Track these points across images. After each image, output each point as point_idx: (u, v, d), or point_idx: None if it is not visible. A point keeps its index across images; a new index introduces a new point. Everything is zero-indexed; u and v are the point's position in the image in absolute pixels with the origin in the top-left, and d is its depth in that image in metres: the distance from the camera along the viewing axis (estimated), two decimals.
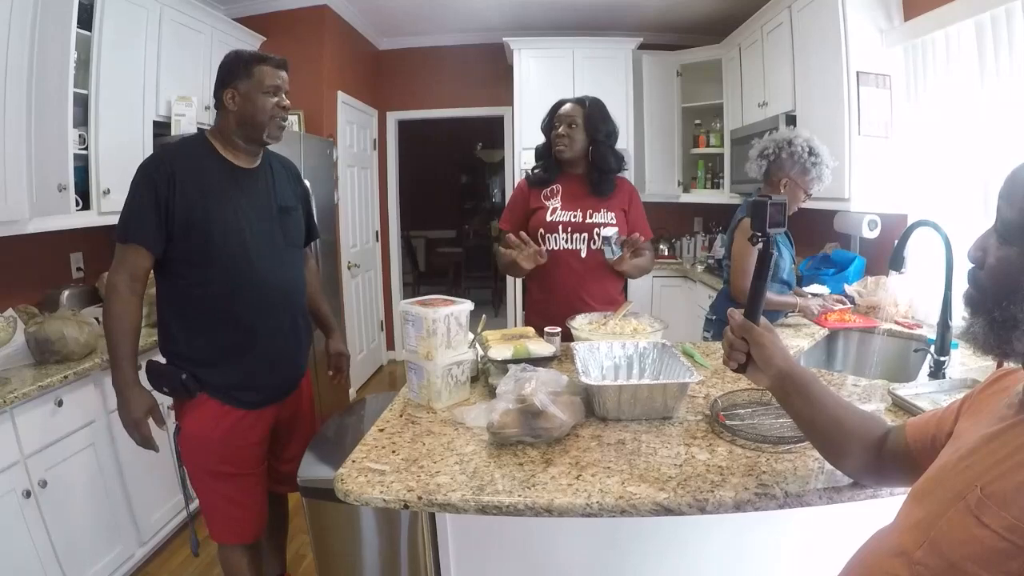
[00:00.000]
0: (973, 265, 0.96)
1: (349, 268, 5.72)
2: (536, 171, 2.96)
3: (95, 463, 2.84)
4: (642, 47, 6.02)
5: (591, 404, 1.82)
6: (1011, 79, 2.79)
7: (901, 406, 1.87)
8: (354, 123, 6.05)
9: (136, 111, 3.59)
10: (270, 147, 2.32)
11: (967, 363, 2.44)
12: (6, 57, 2.60)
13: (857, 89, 3.58)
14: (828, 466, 1.40)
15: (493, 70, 6.59)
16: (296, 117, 5.01)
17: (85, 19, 3.15)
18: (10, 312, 2.82)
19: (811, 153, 2.90)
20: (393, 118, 6.87)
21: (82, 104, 3.21)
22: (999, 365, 1.12)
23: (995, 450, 0.88)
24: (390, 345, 7.03)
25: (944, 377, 2.21)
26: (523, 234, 2.70)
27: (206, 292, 2.13)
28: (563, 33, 6.19)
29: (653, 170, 6.23)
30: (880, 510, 1.29)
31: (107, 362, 2.82)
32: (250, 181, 2.24)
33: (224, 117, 2.20)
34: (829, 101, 3.77)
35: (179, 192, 2.05)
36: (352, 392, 5.66)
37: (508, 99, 6.05)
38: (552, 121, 2.90)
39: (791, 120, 4.24)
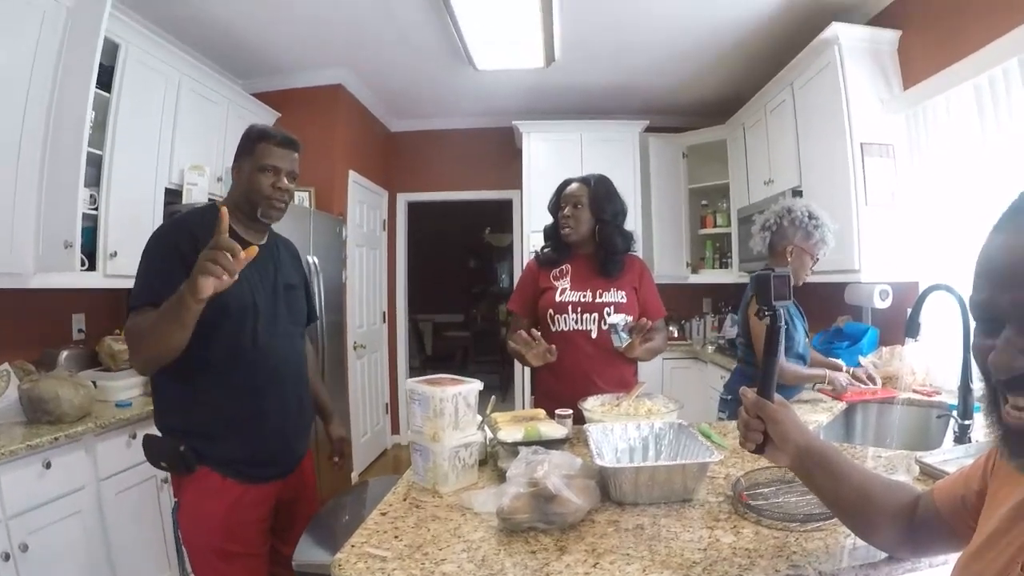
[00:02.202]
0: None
1: (355, 348, 5.67)
2: (546, 251, 2.94)
3: (81, 532, 2.73)
4: (648, 129, 6.16)
5: (607, 488, 1.72)
6: (1012, 136, 2.84)
7: (930, 474, 1.81)
8: (364, 202, 6.11)
9: (149, 176, 3.62)
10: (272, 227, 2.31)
11: None
12: (24, 110, 2.71)
13: (862, 160, 3.64)
14: (861, 541, 1.33)
15: (502, 153, 6.71)
16: (307, 194, 5.06)
17: (105, 80, 3.21)
18: (5, 366, 2.79)
19: (811, 217, 2.93)
20: (403, 199, 6.97)
21: (96, 164, 3.23)
22: None
23: None
24: (395, 429, 6.91)
25: (970, 441, 2.17)
26: (534, 331, 2.60)
27: (212, 363, 2.05)
28: (571, 116, 6.34)
29: (661, 251, 6.26)
30: None
31: (100, 427, 2.80)
32: (260, 255, 2.21)
33: (232, 190, 2.22)
34: (835, 173, 3.82)
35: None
36: (354, 476, 5.53)
37: (517, 182, 6.14)
38: (558, 201, 2.89)
39: (797, 195, 4.25)
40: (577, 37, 4.66)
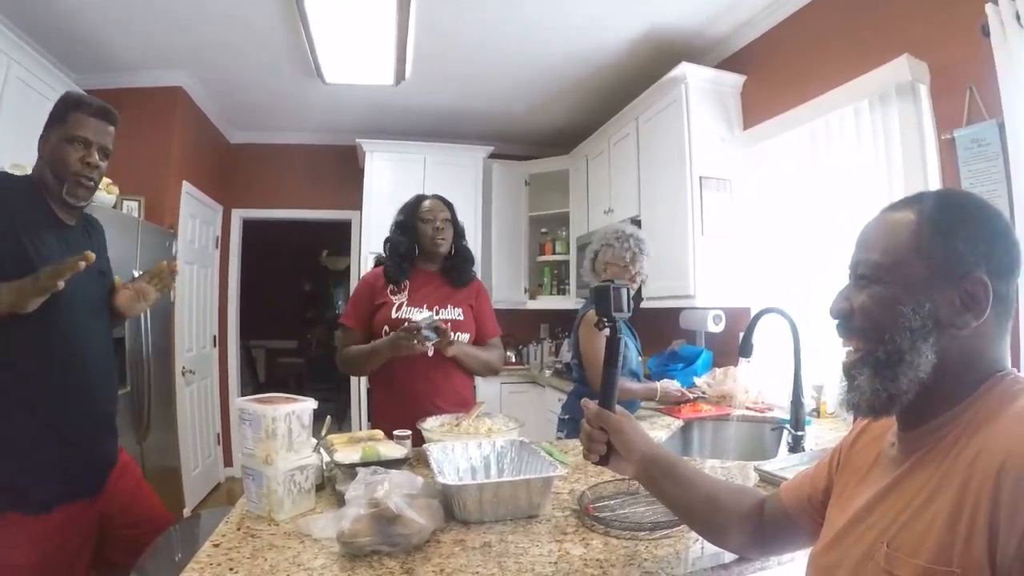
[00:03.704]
0: (840, 320, 1.02)
1: (184, 374, 5.27)
2: (394, 262, 2.82)
3: None
4: (492, 156, 6.23)
5: (450, 507, 1.67)
6: (842, 178, 3.12)
7: (769, 481, 1.91)
8: (197, 217, 5.71)
9: None
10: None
11: (822, 436, 2.63)
12: None
13: (700, 193, 3.86)
14: (710, 545, 1.36)
15: (344, 172, 6.53)
16: (136, 203, 4.65)
17: None
18: None
19: (616, 234, 3.08)
20: (238, 215, 6.59)
21: None
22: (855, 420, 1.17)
23: (892, 504, 0.93)
24: (228, 461, 6.44)
25: (803, 450, 2.32)
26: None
27: (17, 364, 1.80)
28: (416, 138, 6.26)
29: (500, 277, 6.30)
30: None
31: None
32: (72, 236, 1.99)
33: (36, 164, 1.98)
34: (674, 205, 4.01)
35: (5, 219, 1.79)
36: (186, 512, 5.18)
37: (357, 203, 6.00)
38: (419, 215, 2.82)
39: (636, 224, 4.37)
40: (430, 57, 4.64)
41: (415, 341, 2.43)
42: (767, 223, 3.72)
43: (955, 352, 0.93)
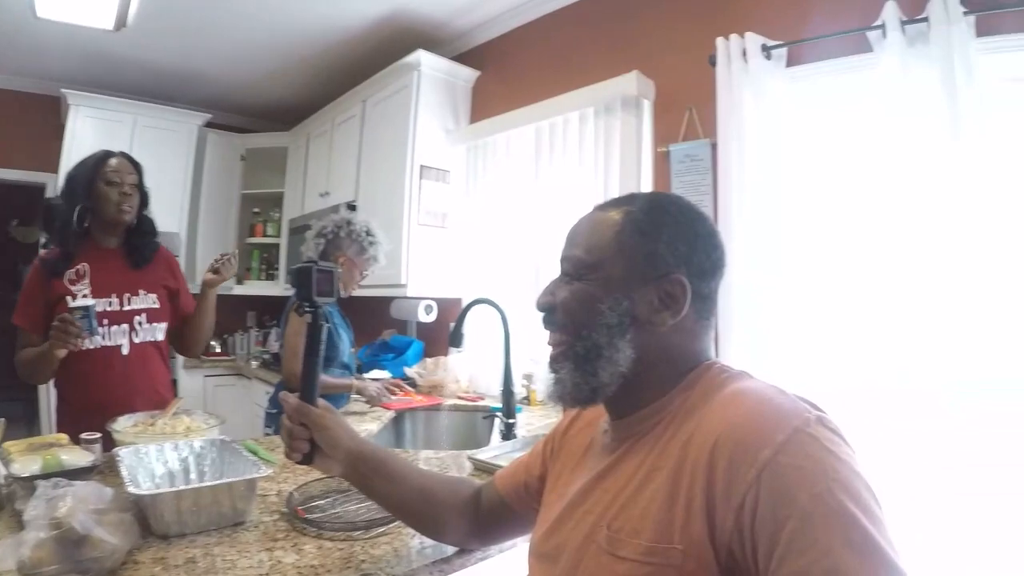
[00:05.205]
0: (544, 313, 1.06)
1: None
2: (61, 234, 2.38)
3: None
4: (209, 125, 5.78)
5: (146, 520, 1.51)
6: (560, 177, 3.32)
7: (483, 470, 1.97)
8: None
9: None
10: None
11: (532, 423, 2.76)
12: None
13: (419, 182, 3.92)
14: (429, 540, 1.38)
15: (42, 127, 5.52)
16: None
17: None
18: None
19: (369, 233, 3.05)
20: None
21: None
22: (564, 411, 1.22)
23: (608, 488, 0.96)
24: None
25: (516, 437, 2.41)
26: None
27: None
28: (129, 96, 5.50)
29: (205, 259, 5.75)
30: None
31: None
32: None
33: None
34: (391, 191, 4.03)
35: None
36: None
37: (53, 165, 5.09)
38: (102, 175, 2.38)
39: (352, 208, 4.33)
40: (157, 4, 4.10)
41: (74, 335, 2.09)
42: (483, 216, 3.84)
43: (654, 347, 0.98)
